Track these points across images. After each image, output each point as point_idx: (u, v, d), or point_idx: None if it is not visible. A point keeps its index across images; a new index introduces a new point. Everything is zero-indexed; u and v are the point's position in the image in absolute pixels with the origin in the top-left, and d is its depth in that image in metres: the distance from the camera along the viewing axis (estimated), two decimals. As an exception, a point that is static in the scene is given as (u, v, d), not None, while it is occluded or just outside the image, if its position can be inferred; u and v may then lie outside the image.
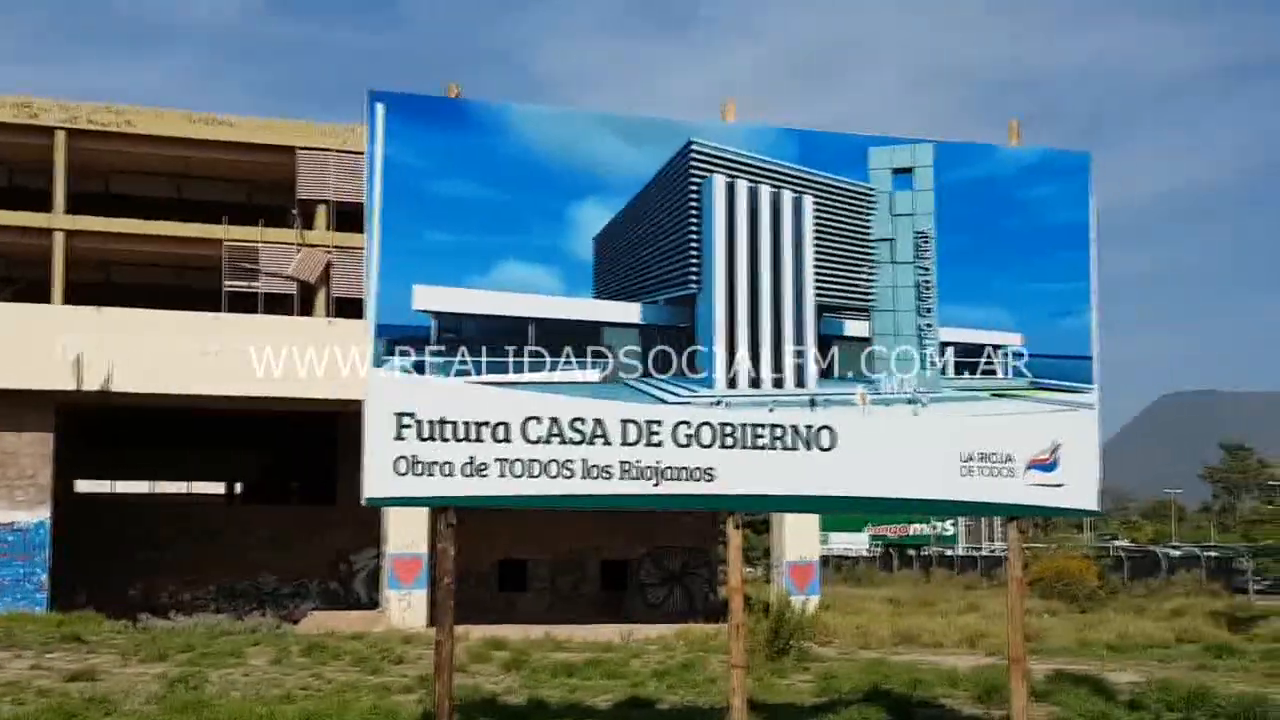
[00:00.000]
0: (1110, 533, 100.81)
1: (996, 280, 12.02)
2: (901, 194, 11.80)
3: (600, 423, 10.69)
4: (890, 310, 11.76)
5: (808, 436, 11.26)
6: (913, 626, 27.63)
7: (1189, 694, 15.57)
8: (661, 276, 11.15)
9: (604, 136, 11.07)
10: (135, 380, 28.16)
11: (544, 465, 10.52)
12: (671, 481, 10.82)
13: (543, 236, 10.82)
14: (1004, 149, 12.29)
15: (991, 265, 12.01)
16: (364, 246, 10.61)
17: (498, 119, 10.86)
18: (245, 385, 28.75)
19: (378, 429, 10.25)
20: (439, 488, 10.31)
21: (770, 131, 11.63)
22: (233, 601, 35.46)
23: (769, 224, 11.41)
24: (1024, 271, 12.08)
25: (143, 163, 41.46)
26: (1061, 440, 11.99)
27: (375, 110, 10.46)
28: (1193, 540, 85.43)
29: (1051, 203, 12.26)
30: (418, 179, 10.51)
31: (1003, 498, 11.85)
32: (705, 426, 10.96)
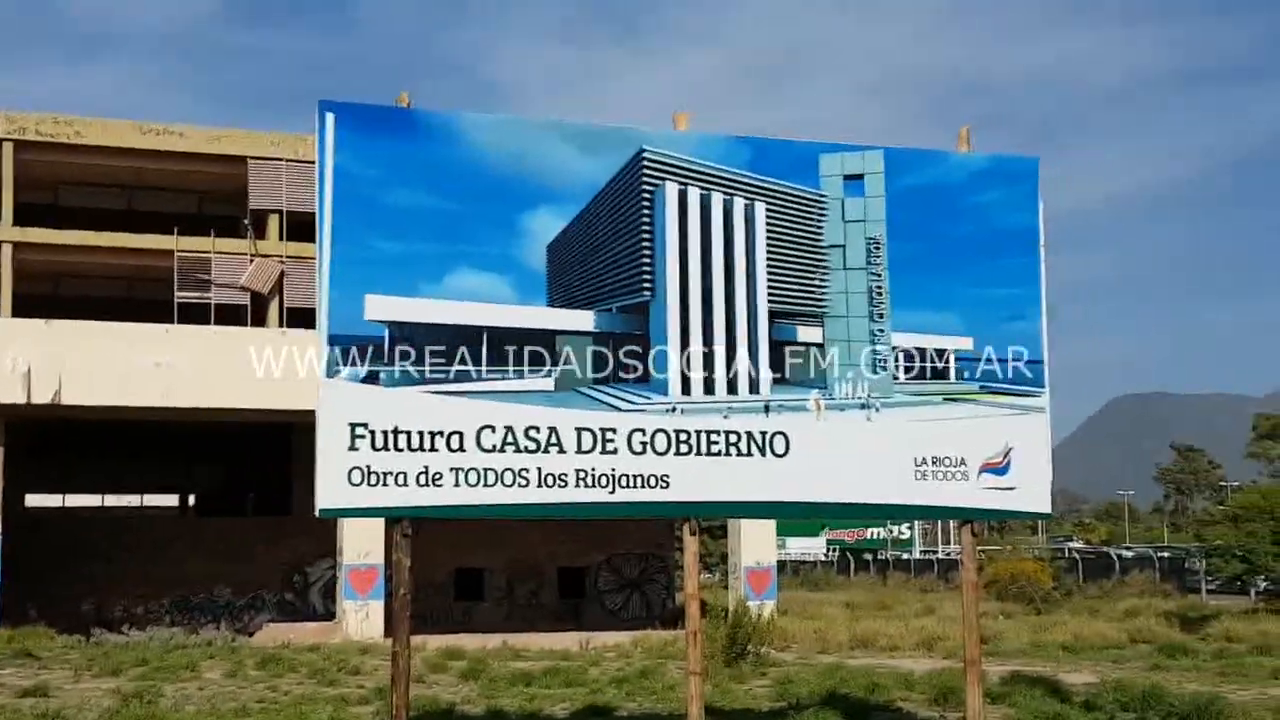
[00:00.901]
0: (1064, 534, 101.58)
1: (948, 285, 12.09)
2: (853, 200, 11.85)
3: (555, 431, 10.68)
4: (843, 316, 11.81)
5: (763, 442, 11.28)
6: (870, 630, 27.76)
7: (1143, 694, 15.71)
8: (614, 284, 11.16)
9: (556, 145, 11.07)
10: (85, 393, 27.88)
11: (499, 474, 10.49)
12: (627, 489, 10.82)
13: (495, 245, 10.80)
14: (954, 155, 12.37)
15: (943, 270, 12.09)
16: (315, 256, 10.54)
17: (448, 128, 10.83)
18: (197, 397, 28.53)
19: (331, 439, 10.19)
20: (394, 498, 10.26)
21: (722, 139, 11.66)
22: (187, 615, 35.13)
23: (721, 231, 11.44)
24: (975, 276, 12.16)
25: (92, 174, 41.05)
26: (1013, 443, 12.08)
27: (325, 120, 10.41)
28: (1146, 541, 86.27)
29: (1001, 208, 12.35)
30: (369, 188, 10.47)
31: (956, 501, 11.92)
32: (660, 433, 10.97)
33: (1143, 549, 64.58)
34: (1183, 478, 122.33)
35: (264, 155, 40.25)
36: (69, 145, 39.03)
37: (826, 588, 54.70)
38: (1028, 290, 12.32)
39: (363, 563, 29.02)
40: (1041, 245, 12.40)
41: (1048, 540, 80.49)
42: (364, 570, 29.00)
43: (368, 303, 10.37)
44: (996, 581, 39.16)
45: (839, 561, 72.41)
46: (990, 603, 35.84)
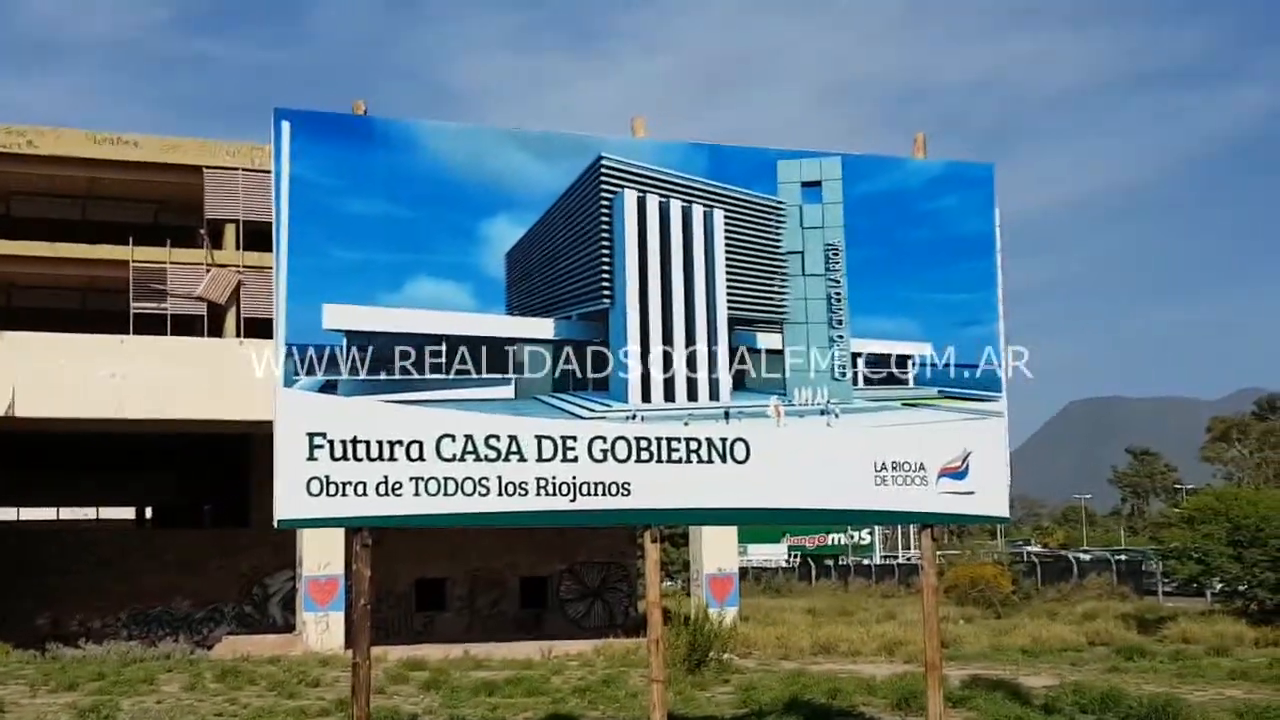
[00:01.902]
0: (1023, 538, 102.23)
1: (906, 291, 12.15)
2: (811, 207, 11.89)
3: (515, 439, 10.65)
4: (802, 322, 11.85)
5: (723, 449, 11.29)
6: (831, 636, 27.82)
7: (1102, 696, 15.83)
8: (574, 292, 11.15)
9: (514, 152, 11.05)
10: (40, 405, 27.58)
11: (459, 483, 10.44)
12: (588, 497, 10.80)
13: (453, 253, 10.76)
14: (911, 161, 12.43)
15: (901, 276, 12.14)
16: (273, 266, 10.47)
17: (405, 136, 10.79)
18: (153, 408, 28.28)
19: (289, 450, 10.12)
20: (353, 508, 10.20)
21: (680, 147, 11.68)
22: (145, 628, 34.81)
23: (680, 238, 11.45)
24: (932, 282, 12.22)
25: (46, 184, 40.67)
26: (971, 448, 12.14)
27: (281, 128, 10.34)
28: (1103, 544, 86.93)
29: (957, 213, 12.43)
30: (325, 197, 10.41)
31: (916, 506, 11.97)
32: (621, 441, 10.96)
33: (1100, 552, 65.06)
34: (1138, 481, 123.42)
35: (220, 165, 40.00)
36: (21, 155, 38.63)
37: (788, 594, 54.80)
38: (984, 295, 12.39)
39: (322, 574, 28.86)
40: (998, 250, 12.49)
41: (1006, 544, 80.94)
42: (324, 581, 28.83)
43: (326, 312, 10.31)
44: (956, 586, 39.36)
45: (800, 568, 72.58)
46: (950, 607, 36.02)
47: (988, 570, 41.43)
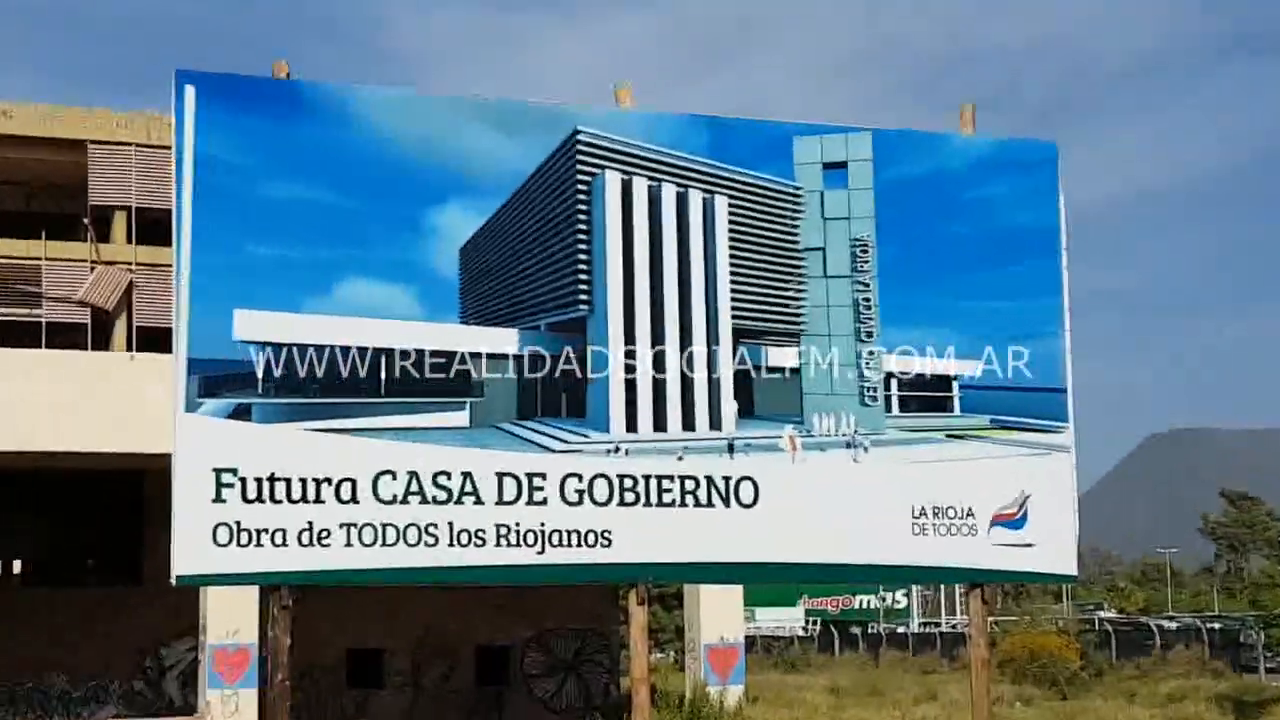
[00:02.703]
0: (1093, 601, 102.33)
1: (950, 297, 12.19)
2: (834, 193, 11.93)
3: (470, 477, 10.65)
4: (823, 334, 11.88)
5: (726, 490, 11.30)
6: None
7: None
8: (544, 296, 11.17)
9: (470, 126, 11.08)
10: (-118, 434, 27.46)
11: (401, 530, 10.44)
12: (560, 547, 10.80)
13: (396, 248, 10.78)
14: (956, 137, 12.49)
15: (944, 279, 12.19)
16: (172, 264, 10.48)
17: (337, 105, 10.81)
18: (21, 439, 28.13)
19: (192, 489, 10.11)
20: (269, 561, 10.19)
21: (674, 119, 11.72)
22: (12, 708, 34.67)
23: (674, 230, 11.48)
24: (983, 286, 12.27)
25: (-107, 161, 40.58)
26: (1030, 490, 12.16)
27: (184, 95, 10.35)
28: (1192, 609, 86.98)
29: (1012, 202, 12.48)
30: (239, 179, 10.42)
31: (962, 560, 11.99)
32: (600, 479, 10.96)
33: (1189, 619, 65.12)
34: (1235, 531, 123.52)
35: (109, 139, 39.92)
36: None
37: (806, 669, 54.72)
38: (1046, 303, 12.44)
39: (231, 642, 28.71)
40: (1063, 248, 12.53)
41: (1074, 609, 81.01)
42: (232, 652, 28.70)
43: (238, 319, 10.32)
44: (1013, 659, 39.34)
45: (821, 636, 72.54)
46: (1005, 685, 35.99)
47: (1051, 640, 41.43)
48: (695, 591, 32.79)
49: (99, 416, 27.87)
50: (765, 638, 71.99)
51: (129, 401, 27.03)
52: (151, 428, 26.00)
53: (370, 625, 35.68)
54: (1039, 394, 12.32)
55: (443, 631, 37.14)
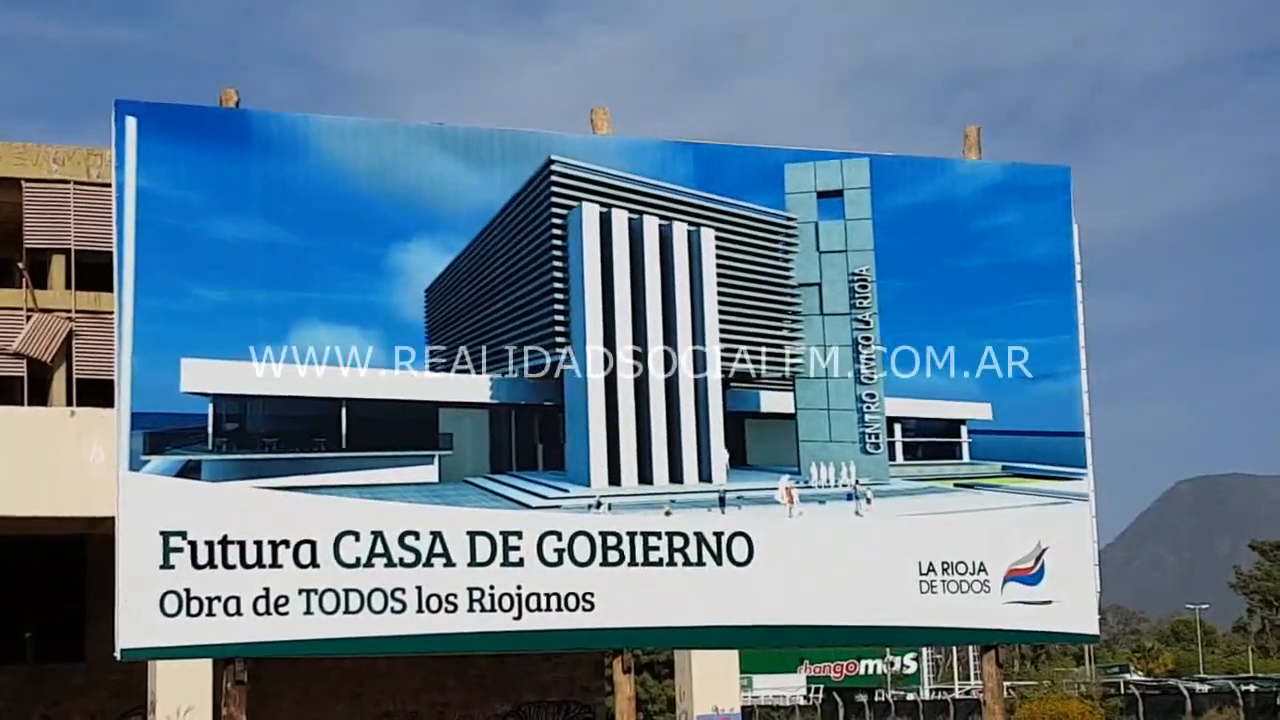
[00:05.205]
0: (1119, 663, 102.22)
1: (956, 335, 12.19)
2: (830, 224, 11.95)
3: (439, 536, 10.62)
4: (820, 378, 11.87)
5: (717, 547, 11.28)
6: (865, 797, 27.73)
7: None
8: (517, 339, 11.15)
9: (435, 157, 11.08)
10: None
11: (365, 596, 10.40)
12: (538, 612, 10.76)
13: (355, 290, 10.77)
14: (961, 163, 12.53)
15: (949, 315, 12.20)
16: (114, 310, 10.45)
17: (292, 135, 10.81)
18: (-45, 502, 28.03)
19: (137, 555, 10.06)
20: (223, 631, 10.14)
21: (656, 146, 11.74)
22: (-59, 801, 34.41)
23: (658, 266, 11.49)
24: (991, 322, 12.27)
25: None
26: (1048, 543, 12.15)
27: (125, 127, 10.34)
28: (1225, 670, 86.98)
29: (1023, 232, 12.50)
30: (186, 217, 10.41)
31: (975, 621, 11.97)
32: (581, 537, 10.94)
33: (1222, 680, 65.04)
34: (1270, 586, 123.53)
35: (45, 177, 39.97)
36: None
37: (807, 742, 54.60)
38: (1061, 340, 12.45)
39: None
40: (1077, 280, 12.56)
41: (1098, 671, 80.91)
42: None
43: (185, 370, 10.29)
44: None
45: (824, 705, 72.36)
46: (1024, 756, 35.92)
47: (1073, 706, 41.39)
48: (686, 658, 32.65)
49: (35, 477, 27.73)
50: (764, 708, 71.87)
51: (68, 461, 26.91)
52: (93, 489, 25.94)
53: (330, 702, 35.50)
54: (1055, 438, 12.33)
55: (411, 707, 36.96)
